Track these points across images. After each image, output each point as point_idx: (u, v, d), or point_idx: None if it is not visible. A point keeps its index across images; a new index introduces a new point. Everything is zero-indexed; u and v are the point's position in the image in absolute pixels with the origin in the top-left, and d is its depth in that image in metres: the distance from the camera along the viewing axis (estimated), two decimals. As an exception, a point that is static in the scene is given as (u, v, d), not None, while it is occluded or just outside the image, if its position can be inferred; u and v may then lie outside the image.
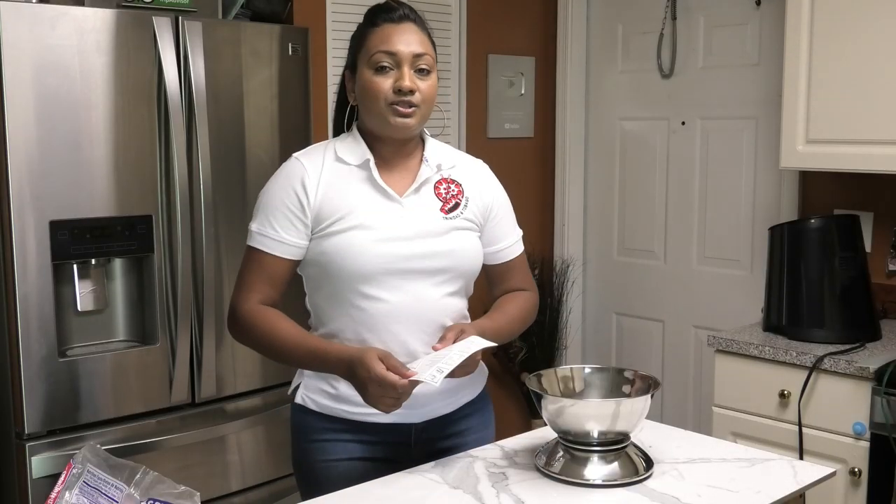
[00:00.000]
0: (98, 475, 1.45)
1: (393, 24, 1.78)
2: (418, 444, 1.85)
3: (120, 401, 2.48)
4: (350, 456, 1.82)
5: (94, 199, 2.40)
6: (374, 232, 1.76)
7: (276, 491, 2.79)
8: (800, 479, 1.69)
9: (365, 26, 1.82)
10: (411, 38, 1.78)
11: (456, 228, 1.83)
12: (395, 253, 1.76)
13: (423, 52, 1.79)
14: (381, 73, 1.76)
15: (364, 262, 1.74)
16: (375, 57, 1.76)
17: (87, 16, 2.37)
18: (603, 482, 1.62)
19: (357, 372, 1.65)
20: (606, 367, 1.79)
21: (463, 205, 1.86)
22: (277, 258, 1.79)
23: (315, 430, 1.84)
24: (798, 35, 2.83)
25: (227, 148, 2.65)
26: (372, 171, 1.80)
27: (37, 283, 2.32)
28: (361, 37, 1.81)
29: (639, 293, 3.85)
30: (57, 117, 2.33)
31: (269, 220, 1.79)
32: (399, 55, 1.76)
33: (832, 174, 3.12)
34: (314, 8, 3.15)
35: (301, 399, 1.86)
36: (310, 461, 1.84)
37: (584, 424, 1.62)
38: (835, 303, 2.76)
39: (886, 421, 2.45)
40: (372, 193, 1.80)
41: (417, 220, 1.80)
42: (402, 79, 1.75)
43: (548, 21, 3.94)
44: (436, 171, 1.85)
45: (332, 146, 1.84)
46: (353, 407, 1.79)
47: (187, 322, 2.57)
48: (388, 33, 1.77)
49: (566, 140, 3.94)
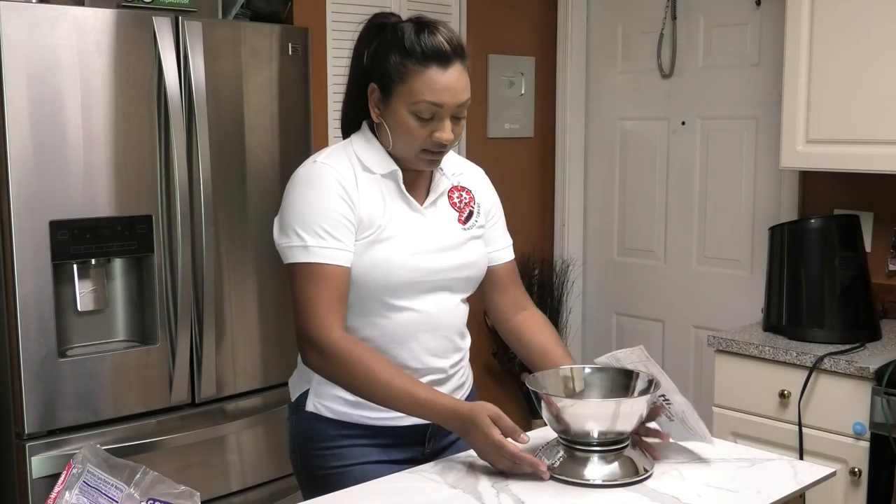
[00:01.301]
0: (98, 475, 1.45)
1: (441, 70, 1.68)
2: (430, 443, 1.86)
3: (120, 401, 2.48)
4: (367, 459, 1.80)
5: (94, 199, 2.40)
6: (405, 245, 1.75)
7: (276, 491, 2.79)
8: (800, 479, 1.69)
9: (408, 57, 1.68)
10: (458, 85, 1.69)
11: (472, 238, 1.86)
12: (426, 267, 1.75)
13: (467, 98, 1.73)
14: (421, 120, 1.70)
15: (397, 275, 1.73)
16: (420, 105, 1.68)
17: (87, 16, 2.37)
18: (603, 482, 1.62)
19: (473, 434, 1.63)
20: (607, 367, 1.78)
21: (476, 212, 1.88)
22: (344, 269, 1.70)
23: (329, 437, 1.81)
24: (798, 35, 2.83)
25: (227, 148, 2.64)
26: (399, 182, 1.78)
27: (37, 283, 2.32)
28: (403, 70, 1.69)
29: (639, 293, 3.85)
30: (57, 117, 2.33)
31: (324, 229, 1.69)
32: (445, 107, 1.69)
33: (832, 174, 3.12)
34: (314, 8, 3.15)
35: (313, 406, 1.82)
36: (321, 468, 1.82)
37: (583, 424, 1.62)
38: (835, 303, 2.76)
39: (886, 421, 2.45)
40: (399, 204, 1.78)
41: (440, 233, 1.81)
42: (441, 131, 1.70)
43: (548, 21, 3.94)
44: (449, 181, 1.86)
45: (352, 153, 1.78)
46: (372, 412, 1.78)
47: (187, 322, 2.57)
48: (436, 80, 1.67)
49: (566, 140, 3.94)
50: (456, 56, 1.70)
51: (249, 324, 2.73)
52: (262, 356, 2.76)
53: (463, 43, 1.74)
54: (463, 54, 1.72)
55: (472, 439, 1.64)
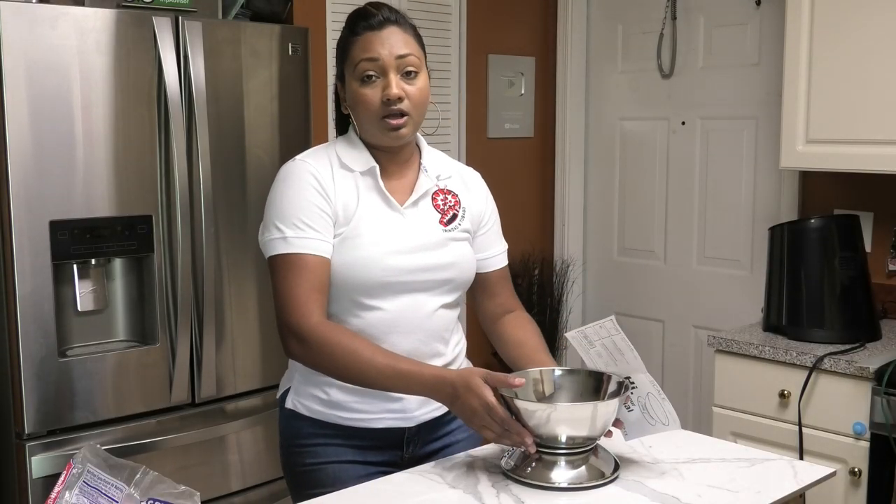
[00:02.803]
0: (98, 475, 1.45)
1: (373, 32, 1.74)
2: (409, 447, 1.85)
3: (120, 401, 2.48)
4: (340, 459, 1.80)
5: (94, 199, 2.40)
6: (380, 244, 1.74)
7: (276, 491, 2.79)
8: (800, 479, 1.69)
9: (347, 35, 1.78)
10: (393, 40, 1.73)
11: (453, 240, 1.83)
12: (400, 266, 1.74)
13: (407, 52, 1.74)
14: (368, 83, 1.73)
15: (371, 275, 1.72)
16: (360, 66, 1.73)
17: (87, 16, 2.37)
18: (569, 485, 1.60)
19: (463, 398, 1.59)
20: (577, 370, 1.76)
21: (460, 216, 1.86)
22: (323, 259, 1.71)
23: (305, 434, 1.82)
24: (798, 35, 2.83)
25: (227, 148, 2.64)
26: (377, 180, 1.78)
27: (37, 283, 2.32)
28: (345, 47, 1.78)
29: (639, 293, 3.85)
30: (57, 117, 2.33)
31: (302, 221, 1.71)
32: (382, 60, 1.72)
33: (832, 174, 3.12)
34: (314, 8, 3.15)
35: (292, 404, 1.84)
36: (299, 464, 1.84)
37: (553, 429, 1.59)
38: (835, 303, 2.76)
39: (886, 421, 2.45)
40: (377, 202, 1.78)
41: (418, 232, 1.79)
42: (388, 87, 1.72)
43: (548, 21, 3.94)
44: (434, 182, 1.85)
45: (333, 151, 1.81)
46: (346, 413, 1.79)
47: (187, 322, 2.57)
48: (369, 40, 1.73)
49: (566, 140, 3.94)
50: (389, 21, 1.75)
51: (249, 324, 2.73)
52: (262, 356, 2.76)
53: (402, 12, 1.80)
54: (400, 20, 1.77)
55: (461, 404, 1.60)
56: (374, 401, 1.78)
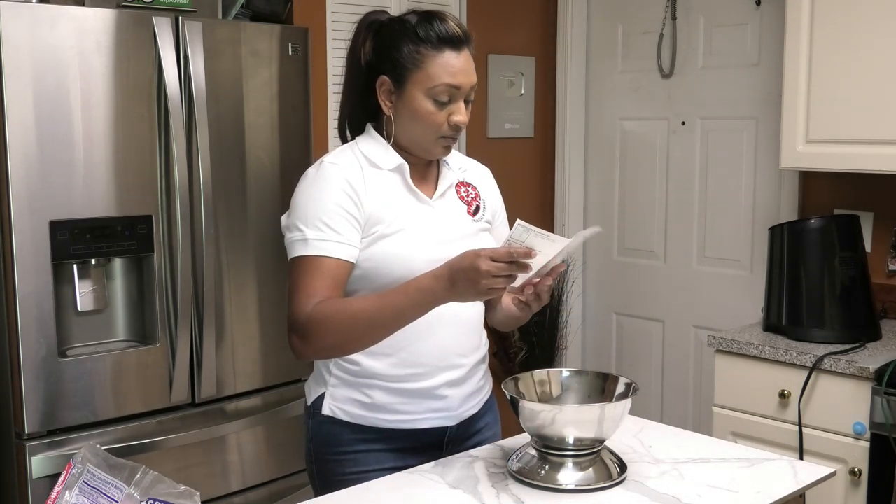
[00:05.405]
0: (98, 475, 1.45)
1: (454, 53, 1.73)
2: (449, 446, 1.85)
3: (120, 401, 2.48)
4: (382, 466, 1.79)
5: (94, 199, 2.40)
6: (416, 237, 1.75)
7: (276, 491, 2.79)
8: (800, 479, 1.69)
9: (421, 45, 1.72)
10: (471, 67, 1.76)
11: (482, 230, 1.87)
12: (439, 257, 1.69)
13: (476, 80, 1.78)
14: (440, 104, 1.74)
15: (415, 267, 1.69)
16: (439, 89, 1.72)
17: (87, 16, 2.37)
18: (576, 487, 1.60)
19: (459, 265, 1.55)
20: (585, 371, 1.77)
21: (483, 207, 1.89)
22: (343, 262, 1.70)
23: (345, 441, 1.80)
24: (798, 35, 2.83)
25: (227, 148, 2.65)
26: (406, 176, 1.79)
27: (37, 283, 2.32)
28: (419, 56, 1.72)
29: (639, 293, 3.85)
30: (57, 117, 2.33)
31: (325, 223, 1.70)
32: (462, 89, 1.74)
33: (832, 174, 3.12)
34: (314, 8, 3.15)
35: (329, 410, 1.81)
36: (338, 474, 1.81)
37: (560, 430, 1.59)
38: (835, 303, 2.76)
39: (886, 421, 2.45)
40: (407, 197, 1.79)
41: (451, 223, 1.82)
42: (458, 114, 1.75)
43: (548, 21, 3.94)
44: (457, 175, 1.88)
45: (358, 151, 1.79)
46: (390, 415, 1.79)
47: (187, 322, 2.57)
48: (451, 63, 1.72)
49: (566, 140, 3.94)
50: (466, 41, 1.76)
51: (249, 324, 2.73)
52: (262, 356, 2.76)
53: (468, 30, 1.80)
54: (470, 40, 1.78)
55: (462, 275, 1.55)
56: (418, 400, 1.79)
